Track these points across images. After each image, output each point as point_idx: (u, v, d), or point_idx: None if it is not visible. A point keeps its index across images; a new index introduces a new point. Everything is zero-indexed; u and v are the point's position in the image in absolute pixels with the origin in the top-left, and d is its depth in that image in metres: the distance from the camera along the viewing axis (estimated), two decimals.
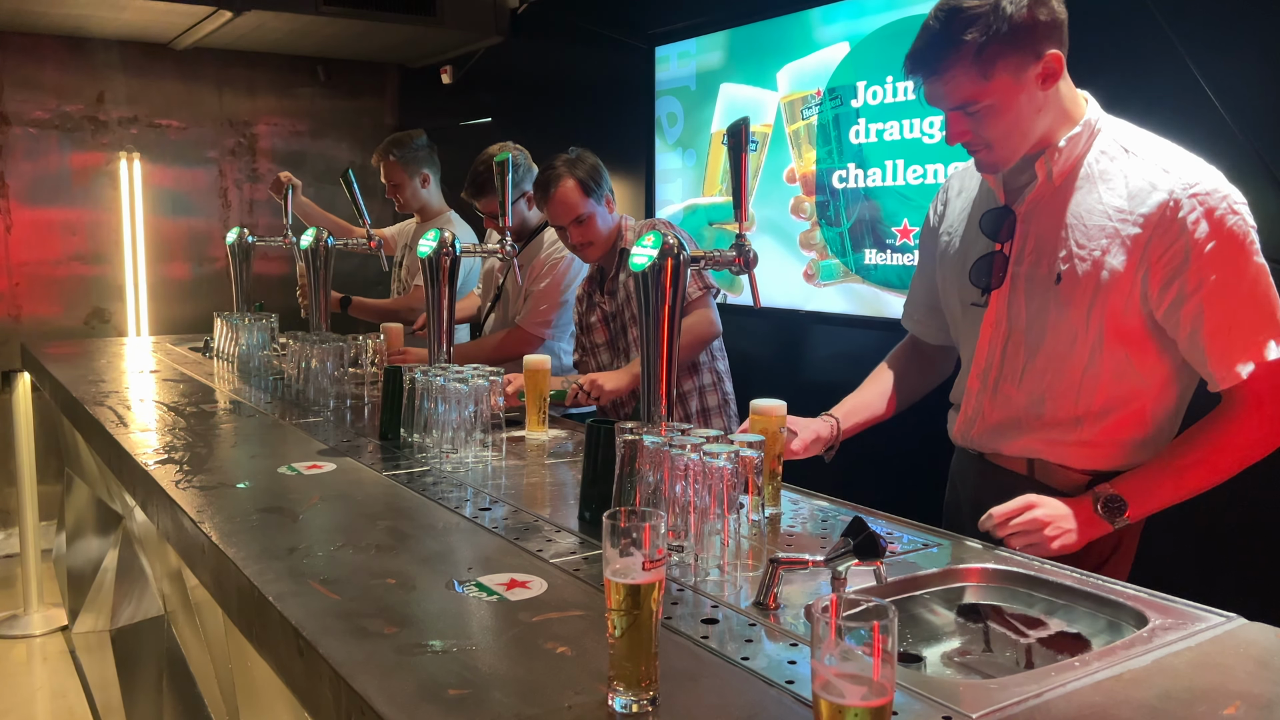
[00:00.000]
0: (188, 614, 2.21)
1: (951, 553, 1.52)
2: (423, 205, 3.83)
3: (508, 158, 2.32)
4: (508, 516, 1.68)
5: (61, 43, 5.02)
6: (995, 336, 1.72)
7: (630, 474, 1.46)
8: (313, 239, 2.88)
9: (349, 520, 1.67)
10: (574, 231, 2.71)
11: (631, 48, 4.16)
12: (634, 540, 0.99)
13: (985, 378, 1.74)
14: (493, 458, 2.08)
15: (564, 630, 1.20)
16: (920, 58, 1.60)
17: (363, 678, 1.06)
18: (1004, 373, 1.71)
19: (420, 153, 3.75)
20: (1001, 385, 1.71)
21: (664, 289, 1.54)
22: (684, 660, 1.12)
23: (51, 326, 5.09)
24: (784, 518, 1.70)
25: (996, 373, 1.72)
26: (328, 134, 5.77)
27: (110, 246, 5.24)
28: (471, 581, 1.36)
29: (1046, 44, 1.55)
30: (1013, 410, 1.70)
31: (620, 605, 0.98)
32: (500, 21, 4.86)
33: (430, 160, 3.80)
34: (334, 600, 1.29)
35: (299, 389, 2.74)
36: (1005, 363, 1.71)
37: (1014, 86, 1.56)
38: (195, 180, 5.45)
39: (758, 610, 1.27)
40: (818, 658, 0.82)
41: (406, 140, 3.75)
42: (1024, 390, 1.68)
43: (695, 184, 3.93)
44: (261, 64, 5.52)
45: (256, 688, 1.70)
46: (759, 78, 3.61)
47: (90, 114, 5.15)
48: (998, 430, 1.73)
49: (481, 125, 5.07)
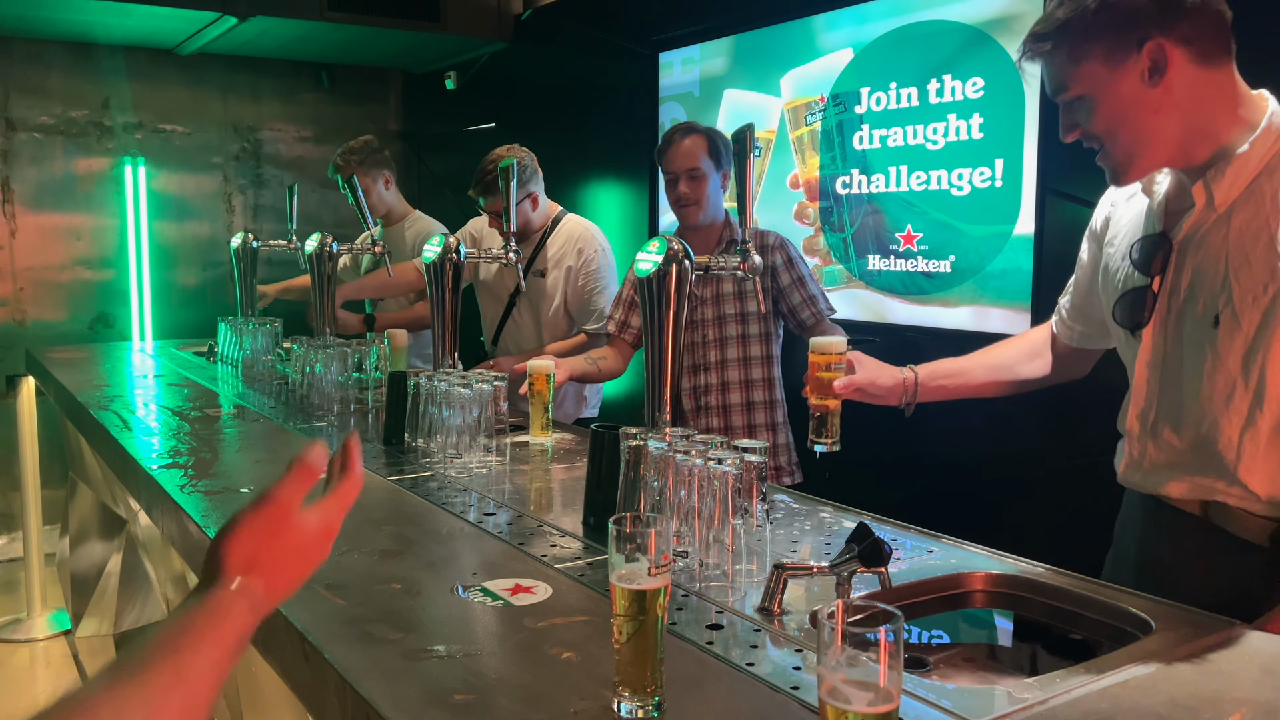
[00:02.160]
0: None
1: (957, 558, 1.52)
2: (389, 209, 3.81)
3: (513, 164, 2.33)
4: (512, 522, 1.68)
5: (67, 48, 5.03)
6: (1151, 375, 1.51)
7: (635, 480, 1.46)
8: (317, 244, 2.89)
9: (354, 525, 1.67)
10: (685, 184, 2.66)
11: (635, 54, 4.17)
12: (639, 546, 0.99)
13: (1144, 419, 1.53)
14: (497, 463, 2.08)
15: (569, 636, 1.20)
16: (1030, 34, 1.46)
17: (368, 683, 1.06)
18: (1159, 414, 1.50)
19: (377, 155, 3.73)
20: (1159, 427, 1.51)
21: (669, 294, 1.54)
22: (689, 666, 1.12)
23: (56, 331, 5.10)
24: (788, 525, 1.70)
25: (1154, 414, 1.52)
26: (332, 139, 5.76)
27: (115, 252, 5.25)
28: (476, 587, 1.36)
29: (1152, 29, 1.35)
30: (1174, 455, 1.49)
31: (626, 610, 0.98)
32: (504, 27, 4.87)
33: (387, 161, 3.78)
34: (340, 605, 1.29)
35: (303, 394, 2.74)
36: (1161, 404, 1.50)
37: (1109, 76, 1.38)
38: (199, 185, 5.46)
39: (763, 616, 1.27)
40: (824, 663, 0.82)
41: (360, 146, 3.72)
42: (1183, 438, 1.47)
43: None
44: (266, 69, 5.54)
45: (261, 692, 1.70)
46: (763, 84, 3.62)
47: (95, 119, 5.16)
48: (1163, 471, 1.51)
49: (485, 131, 5.08)
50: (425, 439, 2.15)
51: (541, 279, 3.22)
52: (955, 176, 3.02)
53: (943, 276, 3.07)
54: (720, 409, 2.70)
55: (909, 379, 1.79)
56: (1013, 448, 2.94)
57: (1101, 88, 1.40)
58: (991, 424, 3.03)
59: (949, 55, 3.00)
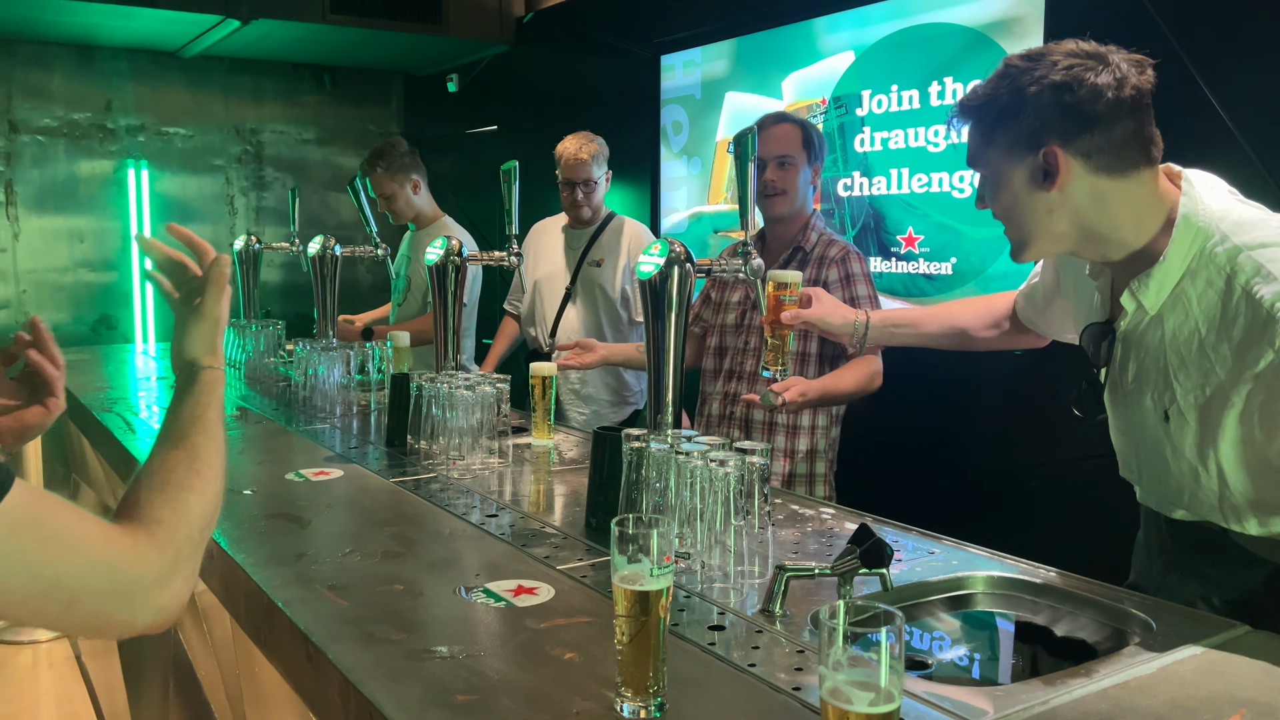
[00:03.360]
0: (194, 620, 2.22)
1: (957, 560, 1.53)
2: (417, 213, 3.78)
3: (514, 166, 2.33)
4: (514, 523, 1.68)
5: (70, 51, 5.05)
6: (1124, 443, 1.55)
7: (637, 481, 1.47)
8: (319, 246, 2.90)
9: (357, 526, 1.68)
10: (773, 170, 2.51)
11: (637, 56, 4.17)
12: (642, 547, 0.99)
13: (1130, 469, 1.56)
14: (499, 464, 2.09)
15: (571, 636, 1.20)
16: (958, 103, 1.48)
17: (371, 683, 1.07)
18: (1144, 471, 1.52)
19: (406, 159, 3.68)
20: (1146, 478, 1.52)
21: (670, 296, 1.55)
22: (691, 667, 1.13)
23: (58, 333, 5.02)
24: (789, 526, 1.70)
25: (1138, 469, 1.53)
26: (333, 142, 5.79)
27: (117, 254, 5.27)
28: (479, 588, 1.36)
29: (1050, 136, 1.34)
30: (1171, 494, 1.48)
31: (628, 611, 0.99)
32: (507, 30, 4.88)
33: (417, 165, 3.72)
34: (342, 606, 1.30)
35: (306, 395, 2.75)
36: (1143, 463, 1.51)
37: (1008, 167, 1.40)
38: (202, 188, 5.48)
39: (764, 617, 1.27)
40: (825, 664, 0.82)
41: (389, 150, 3.67)
42: (1171, 488, 1.46)
43: (700, 192, 3.94)
44: (268, 72, 5.55)
45: (264, 693, 1.70)
46: (764, 86, 3.63)
47: (98, 122, 5.18)
48: (1172, 502, 1.49)
49: (487, 133, 5.09)
50: (428, 441, 2.15)
51: (597, 268, 3.28)
52: (956, 179, 3.02)
53: (944, 279, 3.07)
54: (742, 421, 2.53)
55: (860, 321, 1.91)
56: (1017, 447, 2.94)
57: (1000, 175, 1.42)
58: (999, 426, 3.03)
59: (950, 58, 3.01)
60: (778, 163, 2.51)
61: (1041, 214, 1.40)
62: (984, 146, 1.43)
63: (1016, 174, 1.39)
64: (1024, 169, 1.38)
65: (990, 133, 1.41)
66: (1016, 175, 1.39)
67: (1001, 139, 1.39)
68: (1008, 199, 1.42)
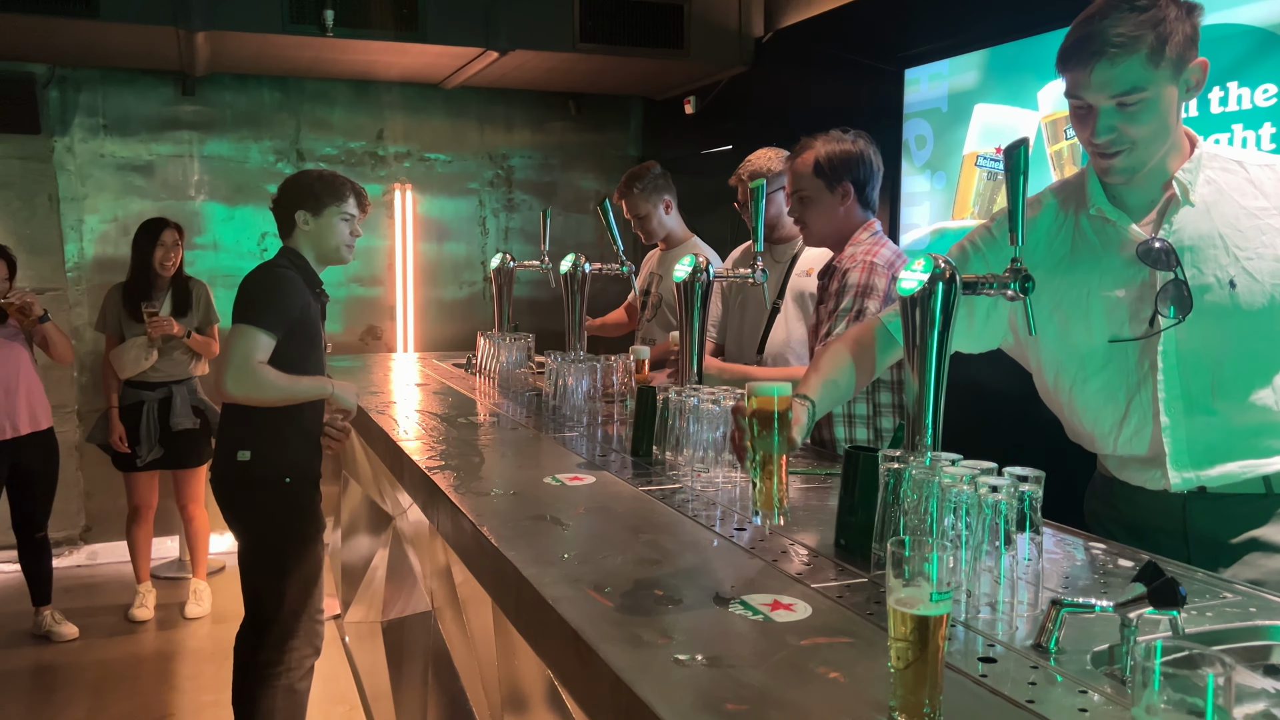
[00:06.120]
0: (454, 611, 2.37)
1: (1256, 607, 1.38)
2: (669, 233, 3.89)
3: (762, 184, 2.35)
4: (763, 538, 1.69)
5: (349, 86, 5.58)
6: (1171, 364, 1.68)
7: (895, 504, 1.44)
8: (571, 264, 3.03)
9: (612, 531, 1.74)
10: (793, 207, 2.70)
11: (880, 71, 4.10)
12: (921, 570, 0.97)
13: (1173, 409, 1.68)
14: (741, 479, 2.10)
15: (834, 656, 1.19)
16: (1087, 42, 1.59)
17: (644, 685, 1.10)
18: (1194, 398, 1.66)
19: (659, 180, 3.81)
20: (1194, 411, 1.67)
21: (933, 314, 1.51)
22: (963, 698, 1.09)
23: (331, 343, 5.65)
24: (1055, 558, 1.61)
25: (1182, 400, 1.67)
26: (575, 165, 6.06)
27: (384, 270, 5.75)
28: (736, 599, 1.38)
29: (1196, 51, 1.61)
30: (1220, 432, 1.66)
31: (907, 636, 0.96)
32: (746, 52, 4.93)
33: (668, 186, 3.84)
34: (607, 607, 1.35)
35: (554, 405, 2.88)
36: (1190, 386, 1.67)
37: (1172, 85, 1.60)
38: (458, 209, 5.89)
39: (1037, 652, 1.21)
40: (1138, 705, 0.77)
41: (643, 172, 3.81)
42: (1225, 405, 1.65)
43: (944, 207, 3.81)
44: (518, 100, 5.90)
45: (523, 686, 1.79)
46: (1017, 97, 3.46)
47: (371, 149, 5.69)
48: (1213, 454, 1.67)
49: (722, 153, 5.16)
50: (672, 452, 2.20)
51: (806, 278, 3.24)
52: None
53: None
54: None
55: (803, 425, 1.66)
56: None
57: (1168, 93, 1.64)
58: None
59: (1235, 61, 2.75)
60: (795, 199, 2.65)
61: (1176, 125, 1.66)
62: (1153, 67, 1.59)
63: (1176, 89, 1.62)
64: (1181, 82, 1.62)
65: (1161, 52, 1.58)
66: (1175, 90, 1.62)
67: (1173, 59, 1.59)
68: (1160, 118, 1.62)
